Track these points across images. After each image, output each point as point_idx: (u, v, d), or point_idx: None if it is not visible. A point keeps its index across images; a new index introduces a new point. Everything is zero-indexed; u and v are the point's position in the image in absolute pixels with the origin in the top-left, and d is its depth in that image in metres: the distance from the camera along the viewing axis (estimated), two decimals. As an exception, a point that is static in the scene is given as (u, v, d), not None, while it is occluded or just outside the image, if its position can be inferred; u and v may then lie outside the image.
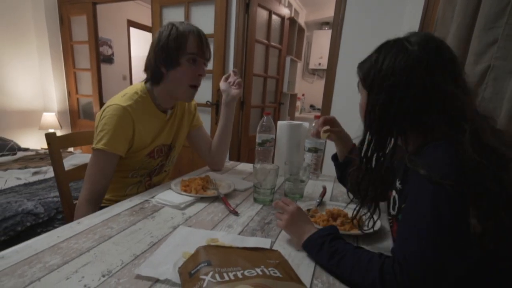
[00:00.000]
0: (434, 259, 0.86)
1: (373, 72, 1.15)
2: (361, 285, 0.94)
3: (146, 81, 1.87)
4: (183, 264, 0.90)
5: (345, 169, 1.67)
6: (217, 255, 0.88)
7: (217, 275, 0.79)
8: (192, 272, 0.83)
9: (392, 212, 1.32)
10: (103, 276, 0.94)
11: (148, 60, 1.80)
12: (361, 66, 1.29)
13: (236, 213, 1.47)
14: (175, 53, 1.72)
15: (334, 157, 1.85)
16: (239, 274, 0.80)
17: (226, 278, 0.78)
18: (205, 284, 0.76)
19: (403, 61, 1.07)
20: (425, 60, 1.06)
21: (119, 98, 1.73)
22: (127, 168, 1.85)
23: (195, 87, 1.84)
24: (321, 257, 1.06)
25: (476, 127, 0.99)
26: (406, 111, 1.06)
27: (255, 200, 1.65)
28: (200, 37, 1.77)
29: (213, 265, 0.83)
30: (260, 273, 0.81)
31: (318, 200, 1.64)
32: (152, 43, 1.79)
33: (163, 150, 1.97)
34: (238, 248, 0.96)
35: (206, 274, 0.79)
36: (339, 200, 1.76)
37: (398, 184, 1.29)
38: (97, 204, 1.69)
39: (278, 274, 0.83)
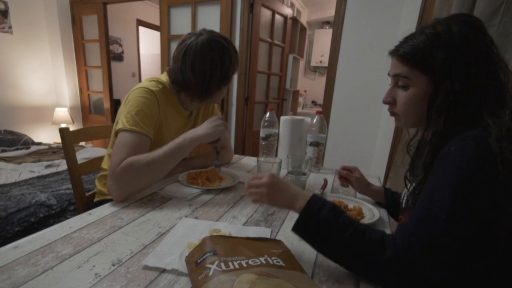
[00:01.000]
0: (447, 244, 0.84)
1: (441, 48, 1.00)
2: (372, 268, 0.90)
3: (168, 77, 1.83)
4: (190, 254, 0.89)
5: (395, 207, 1.55)
6: (222, 245, 0.87)
7: (222, 264, 0.78)
8: (199, 261, 0.83)
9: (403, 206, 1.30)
10: (113, 265, 0.94)
11: (193, 74, 1.70)
12: (408, 50, 1.09)
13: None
14: (228, 77, 1.75)
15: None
16: (243, 263, 0.79)
17: (231, 267, 0.78)
18: (211, 273, 0.76)
19: (473, 30, 1.00)
20: (486, 32, 1.03)
21: (146, 83, 1.69)
22: None
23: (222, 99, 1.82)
24: (321, 230, 0.96)
25: None
26: (485, 92, 0.98)
27: (259, 192, 1.63)
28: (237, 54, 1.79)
29: (219, 254, 0.82)
30: (264, 262, 0.81)
31: (319, 192, 1.63)
32: (198, 59, 1.69)
33: None
34: (243, 238, 0.96)
35: (212, 263, 0.79)
36: (340, 192, 1.75)
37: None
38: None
39: (281, 263, 0.82)
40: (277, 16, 4.90)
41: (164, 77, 1.80)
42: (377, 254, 0.87)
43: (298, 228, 0.99)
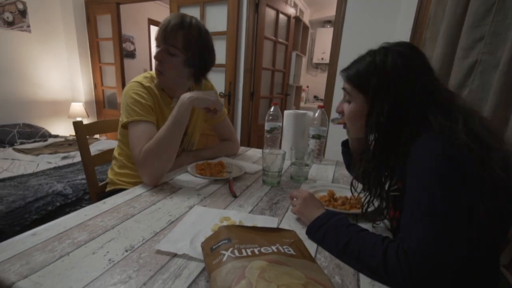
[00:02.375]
0: (435, 246, 0.82)
1: (377, 74, 1.08)
2: (366, 270, 0.91)
3: None
4: (206, 240, 0.90)
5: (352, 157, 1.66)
6: (237, 234, 0.87)
7: (236, 251, 0.79)
8: (214, 247, 0.83)
9: None
10: (126, 251, 0.94)
11: None
12: (352, 72, 1.19)
13: (234, 196, 1.46)
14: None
15: (344, 143, 1.74)
16: (256, 251, 0.79)
17: (244, 253, 0.78)
18: (224, 258, 0.76)
19: (405, 60, 1.05)
20: (420, 59, 1.07)
21: (137, 78, 1.73)
22: None
23: (156, 70, 1.73)
24: (327, 242, 1.03)
25: (466, 116, 0.98)
26: (414, 108, 1.02)
27: (264, 182, 1.64)
28: (167, 23, 1.63)
29: (233, 242, 0.83)
30: (275, 250, 0.81)
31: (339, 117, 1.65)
32: None
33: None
34: (257, 227, 0.96)
35: (226, 250, 0.80)
36: (340, 182, 1.74)
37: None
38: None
39: (292, 251, 0.82)
40: (281, 16, 4.89)
41: (153, 71, 1.82)
42: (370, 264, 0.89)
43: (307, 232, 1.11)
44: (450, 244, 0.83)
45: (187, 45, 1.66)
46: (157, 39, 1.67)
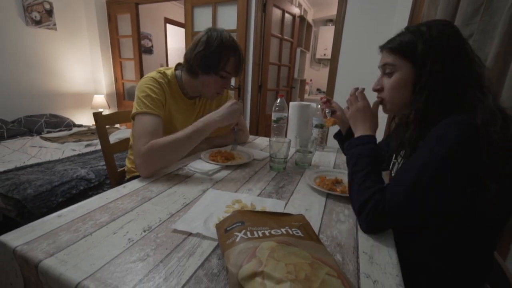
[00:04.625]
0: (409, 206, 0.95)
1: (422, 41, 1.05)
2: (356, 199, 1.07)
3: (176, 67, 1.82)
4: (221, 222, 0.90)
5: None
6: (249, 217, 0.87)
7: (248, 233, 0.79)
8: (228, 228, 0.83)
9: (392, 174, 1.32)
10: (144, 231, 0.93)
11: (189, 53, 1.69)
12: (395, 44, 1.14)
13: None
14: (215, 66, 1.65)
15: (337, 135, 1.82)
16: (266, 233, 0.79)
17: (256, 235, 0.78)
18: (237, 239, 0.76)
19: (450, 29, 1.04)
20: (459, 33, 1.05)
21: (152, 74, 1.70)
22: None
23: (218, 94, 1.79)
24: (350, 158, 1.19)
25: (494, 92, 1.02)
26: (460, 75, 1.01)
27: (271, 168, 1.63)
28: (240, 59, 1.70)
29: (246, 225, 0.83)
30: (284, 232, 0.80)
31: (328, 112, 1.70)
32: (197, 40, 1.67)
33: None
34: (268, 212, 0.96)
35: (239, 232, 0.79)
36: (341, 167, 1.73)
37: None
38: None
39: (300, 233, 0.81)
40: (287, 15, 4.88)
41: (169, 70, 1.79)
42: (361, 195, 1.04)
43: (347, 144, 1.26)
44: (423, 205, 0.95)
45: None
46: (228, 71, 1.71)
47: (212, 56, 1.63)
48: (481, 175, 0.91)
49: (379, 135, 1.34)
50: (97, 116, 1.86)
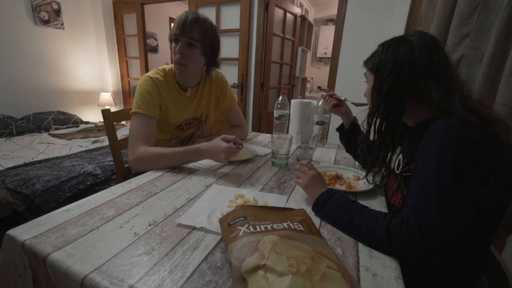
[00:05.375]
0: (438, 225, 0.82)
1: (379, 59, 1.14)
2: (369, 243, 0.92)
3: None
4: (224, 216, 0.90)
5: (350, 135, 1.74)
6: (252, 212, 0.88)
7: (251, 227, 0.79)
8: (231, 223, 0.84)
9: (396, 171, 1.28)
10: (150, 225, 0.94)
11: None
12: (368, 59, 1.25)
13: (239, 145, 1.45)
14: (171, 35, 1.68)
15: (340, 128, 1.82)
16: (268, 227, 0.79)
17: (258, 229, 0.78)
18: (240, 233, 0.77)
19: (405, 47, 1.08)
20: (423, 43, 1.06)
21: (150, 72, 1.74)
22: (161, 138, 1.83)
23: (179, 64, 1.68)
24: (332, 218, 1.04)
25: (463, 93, 1.02)
26: (410, 83, 1.05)
27: (273, 163, 1.63)
28: (185, 19, 1.61)
29: (249, 219, 0.83)
30: (286, 226, 0.81)
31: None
32: None
33: (192, 123, 1.92)
34: (270, 207, 0.96)
35: (242, 226, 0.80)
36: (341, 163, 1.73)
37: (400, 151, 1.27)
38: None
39: (301, 228, 0.81)
40: (288, 15, 4.86)
41: (168, 66, 1.82)
42: (373, 238, 0.91)
43: (313, 208, 1.11)
44: (450, 225, 0.82)
45: (203, 37, 1.66)
46: (175, 34, 1.64)
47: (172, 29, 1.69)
48: (481, 172, 0.89)
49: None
50: (105, 113, 1.86)
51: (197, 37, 1.64)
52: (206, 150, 1.47)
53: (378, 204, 1.20)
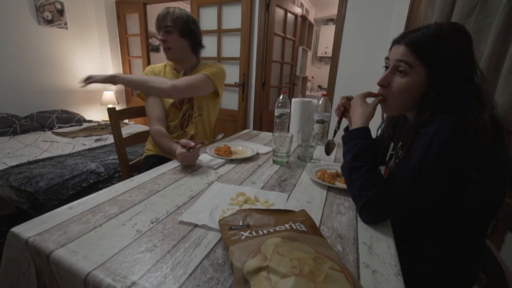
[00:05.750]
0: (409, 201, 0.98)
1: (445, 51, 0.99)
2: (356, 192, 1.08)
3: None
4: (224, 219, 0.90)
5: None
6: (254, 217, 0.88)
7: (253, 232, 0.79)
8: (233, 228, 0.83)
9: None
10: (152, 222, 0.94)
11: None
12: (416, 39, 1.04)
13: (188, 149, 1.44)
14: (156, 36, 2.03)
15: (346, 129, 1.76)
16: (271, 230, 0.79)
17: (260, 233, 0.78)
18: (243, 237, 0.77)
19: (463, 40, 1.01)
20: (469, 40, 1.03)
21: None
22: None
23: (164, 49, 2.01)
24: (348, 152, 1.19)
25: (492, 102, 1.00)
26: (469, 83, 1.00)
27: (274, 161, 1.63)
28: (158, 16, 1.94)
29: (251, 226, 0.83)
30: (288, 227, 0.81)
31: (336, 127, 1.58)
32: None
33: (184, 100, 2.07)
34: (272, 210, 0.95)
35: (245, 231, 0.80)
36: (341, 162, 1.72)
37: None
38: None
39: (303, 228, 0.81)
40: (289, 15, 4.85)
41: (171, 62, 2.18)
42: (362, 193, 1.05)
43: (344, 135, 1.28)
44: (422, 200, 0.99)
45: (175, 22, 1.92)
46: (156, 29, 1.96)
47: None
48: (467, 170, 0.94)
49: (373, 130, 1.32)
50: (111, 111, 1.88)
51: (171, 23, 1.91)
52: (177, 154, 1.51)
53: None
